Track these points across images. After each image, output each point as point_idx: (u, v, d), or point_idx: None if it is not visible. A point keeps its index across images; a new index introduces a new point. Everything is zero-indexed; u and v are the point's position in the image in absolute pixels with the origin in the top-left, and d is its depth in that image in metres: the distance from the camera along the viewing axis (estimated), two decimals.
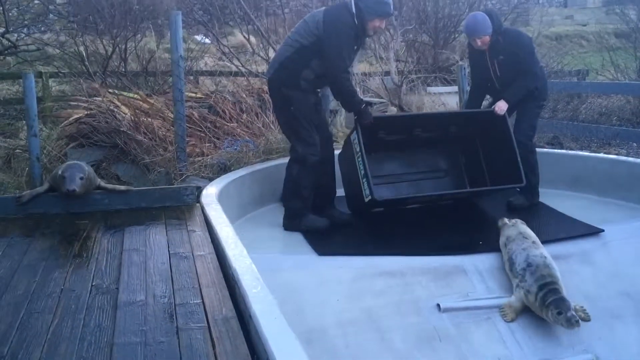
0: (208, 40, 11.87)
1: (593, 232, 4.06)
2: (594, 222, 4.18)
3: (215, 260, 2.96)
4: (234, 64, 8.14)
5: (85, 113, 5.64)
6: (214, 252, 3.09)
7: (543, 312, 3.29)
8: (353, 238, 4.13)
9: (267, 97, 6.55)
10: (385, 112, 7.02)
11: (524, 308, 3.41)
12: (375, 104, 6.90)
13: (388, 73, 8.90)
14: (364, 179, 4.15)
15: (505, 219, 4.02)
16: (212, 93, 6.75)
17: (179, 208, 3.87)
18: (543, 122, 5.10)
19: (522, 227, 3.87)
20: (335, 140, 5.28)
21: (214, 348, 2.11)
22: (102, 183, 3.89)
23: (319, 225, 4.20)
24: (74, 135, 5.41)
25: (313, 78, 4.06)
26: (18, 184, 4.79)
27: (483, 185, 4.73)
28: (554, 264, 3.53)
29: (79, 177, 3.65)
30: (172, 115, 5.44)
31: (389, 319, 3.36)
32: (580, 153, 5.65)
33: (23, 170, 4.97)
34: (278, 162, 5.07)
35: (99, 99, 5.93)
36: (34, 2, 10.75)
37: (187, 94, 5.88)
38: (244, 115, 6.23)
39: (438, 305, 3.46)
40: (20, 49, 9.28)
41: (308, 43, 3.98)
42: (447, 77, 9.80)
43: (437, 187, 4.84)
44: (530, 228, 3.91)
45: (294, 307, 3.15)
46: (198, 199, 3.99)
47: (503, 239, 3.84)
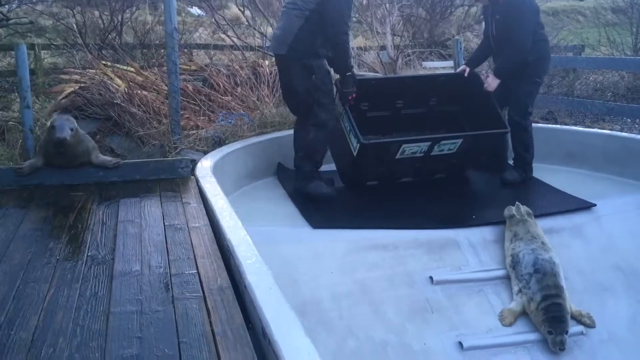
0: (203, 13, 11.74)
1: (585, 206, 4.09)
2: (587, 196, 4.21)
3: (210, 232, 2.98)
4: (229, 36, 8.07)
5: (79, 85, 5.59)
6: (209, 224, 3.10)
7: (538, 322, 3.25)
8: (347, 211, 4.14)
9: (262, 70, 6.53)
10: None
11: (523, 313, 3.36)
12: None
13: (384, 47, 8.85)
14: (350, 134, 4.16)
15: (513, 209, 3.85)
16: (206, 66, 6.70)
17: (174, 181, 3.87)
18: (538, 97, 5.08)
19: (531, 223, 3.72)
20: None
21: (210, 317, 2.13)
22: (93, 155, 3.87)
23: (325, 192, 4.26)
24: (68, 108, 5.37)
25: (325, 44, 4.09)
26: (11, 156, 4.77)
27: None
28: (561, 271, 3.45)
29: (69, 127, 3.67)
30: (166, 88, 5.40)
31: (383, 291, 3.39)
32: (574, 128, 5.66)
33: (16, 143, 4.94)
34: (273, 135, 5.06)
35: (93, 71, 5.87)
36: None
37: (181, 67, 5.83)
38: (239, 89, 6.19)
39: (431, 278, 3.50)
40: (12, 21, 9.15)
41: (312, 11, 3.99)
42: (442, 51, 9.76)
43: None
44: (524, 202, 3.93)
45: (289, 279, 3.17)
46: (193, 172, 3.99)
47: (509, 234, 3.72)
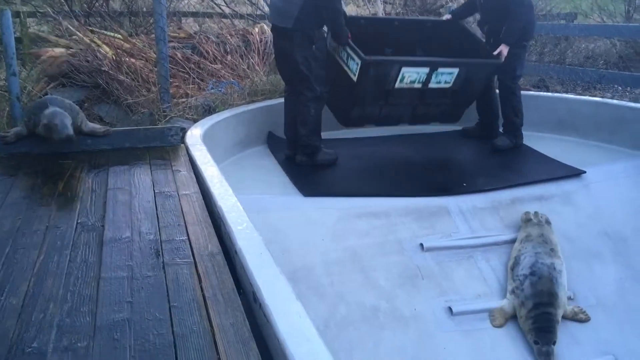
0: None
1: (575, 173, 4.11)
2: (577, 164, 4.23)
3: (201, 199, 2.97)
4: (216, 3, 7.94)
5: (66, 52, 5.50)
6: (199, 191, 3.09)
7: (526, 329, 3.14)
8: (338, 179, 4.15)
9: (252, 38, 6.44)
10: None
11: (513, 315, 3.24)
12: None
13: (375, 15, 8.74)
14: (349, 60, 4.22)
15: (531, 215, 3.71)
16: (195, 34, 6.60)
17: (164, 148, 3.84)
18: (530, 65, 5.09)
19: (546, 228, 3.61)
20: None
21: (200, 282, 2.14)
22: (82, 124, 3.81)
23: (330, 159, 4.40)
24: (55, 75, 5.29)
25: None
26: None
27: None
28: (562, 278, 3.30)
29: (70, 123, 3.53)
30: (154, 56, 5.33)
31: (373, 259, 3.42)
32: (565, 96, 5.66)
33: (3, 111, 4.86)
34: (263, 104, 5.02)
35: (80, 35, 5.77)
36: None
37: (170, 35, 5.74)
38: (229, 57, 6.11)
39: (421, 245, 3.53)
40: None
41: None
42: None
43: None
44: (514, 170, 3.95)
45: (280, 247, 3.19)
46: (183, 140, 3.96)
47: (522, 235, 3.60)
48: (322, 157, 4.37)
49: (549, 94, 5.73)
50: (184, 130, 4.09)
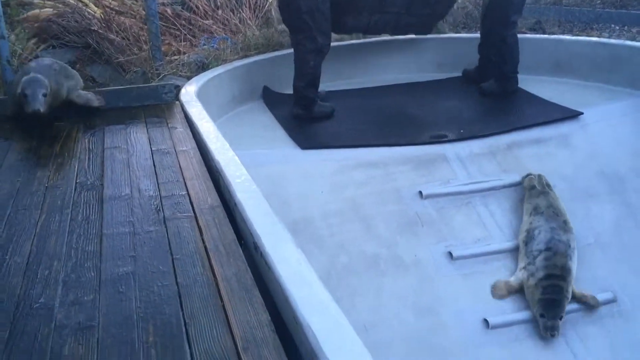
0: None
1: (572, 115, 4.10)
2: (574, 105, 4.20)
3: (198, 155, 2.98)
4: None
5: (54, 12, 5.40)
6: (196, 147, 3.10)
7: (532, 301, 3.00)
8: (335, 131, 4.13)
9: None
10: None
11: (518, 290, 3.10)
12: None
13: None
14: None
15: (535, 180, 3.52)
16: None
17: (159, 106, 3.83)
18: (526, 7, 5.00)
19: (552, 195, 3.45)
20: None
21: (202, 235, 2.16)
22: (74, 94, 3.67)
23: (327, 111, 4.37)
24: (44, 37, 5.22)
25: None
26: None
27: None
28: (575, 256, 3.18)
29: (42, 93, 3.23)
30: (144, 12, 5.24)
31: (372, 208, 3.44)
32: (561, 37, 5.59)
33: None
34: (257, 58, 4.97)
35: None
36: None
37: None
38: (220, 12, 6.01)
39: (420, 193, 3.54)
40: None
41: None
42: None
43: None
44: (511, 114, 3.93)
45: (279, 200, 3.19)
46: (177, 97, 3.93)
47: (529, 206, 3.43)
48: (318, 109, 4.34)
49: (545, 36, 5.65)
50: (178, 88, 4.07)
